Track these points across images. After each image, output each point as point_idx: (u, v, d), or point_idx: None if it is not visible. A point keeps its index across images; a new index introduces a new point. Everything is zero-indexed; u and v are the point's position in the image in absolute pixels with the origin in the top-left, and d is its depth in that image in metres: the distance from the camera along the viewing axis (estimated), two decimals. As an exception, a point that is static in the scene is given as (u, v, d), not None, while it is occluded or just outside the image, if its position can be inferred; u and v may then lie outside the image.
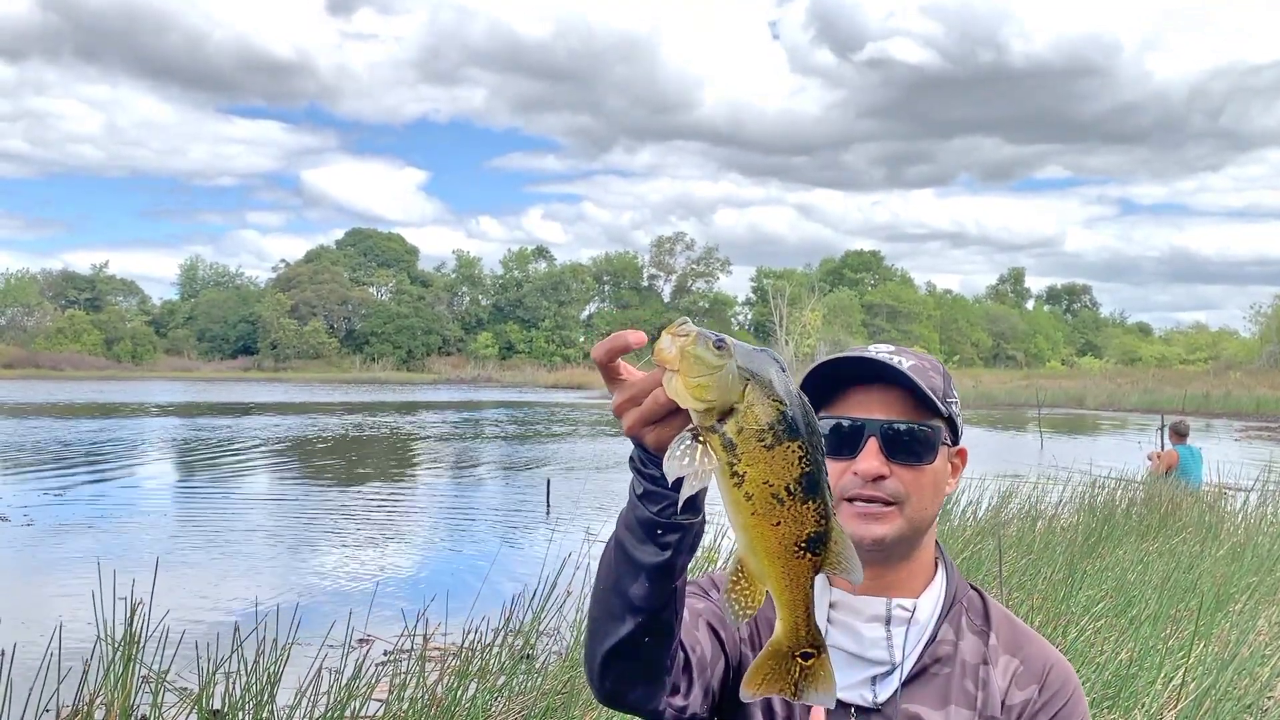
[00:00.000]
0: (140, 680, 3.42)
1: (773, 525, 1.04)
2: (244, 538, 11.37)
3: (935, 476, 1.39)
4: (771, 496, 1.04)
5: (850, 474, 1.36)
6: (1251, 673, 4.10)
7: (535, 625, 4.71)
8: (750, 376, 1.04)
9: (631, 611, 1.21)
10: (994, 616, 1.43)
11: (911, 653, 1.37)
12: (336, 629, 4.21)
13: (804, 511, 1.04)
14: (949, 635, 1.39)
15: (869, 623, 1.37)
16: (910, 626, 1.37)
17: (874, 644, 1.36)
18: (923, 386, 1.35)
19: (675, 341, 1.06)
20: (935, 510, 1.41)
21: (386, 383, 72.06)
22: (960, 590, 1.44)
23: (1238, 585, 5.87)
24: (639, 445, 1.15)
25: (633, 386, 1.11)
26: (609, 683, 1.27)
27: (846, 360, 1.39)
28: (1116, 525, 7.97)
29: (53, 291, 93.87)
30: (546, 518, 12.94)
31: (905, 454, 1.36)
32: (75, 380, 65.89)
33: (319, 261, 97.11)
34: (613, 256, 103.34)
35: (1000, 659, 1.39)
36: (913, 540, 1.39)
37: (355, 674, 3.65)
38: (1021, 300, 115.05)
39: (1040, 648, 1.42)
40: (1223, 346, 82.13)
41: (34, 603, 8.25)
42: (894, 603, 1.37)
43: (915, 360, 1.40)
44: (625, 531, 1.21)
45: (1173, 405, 36.71)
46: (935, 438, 1.38)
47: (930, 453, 1.37)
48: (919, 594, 1.40)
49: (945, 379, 1.43)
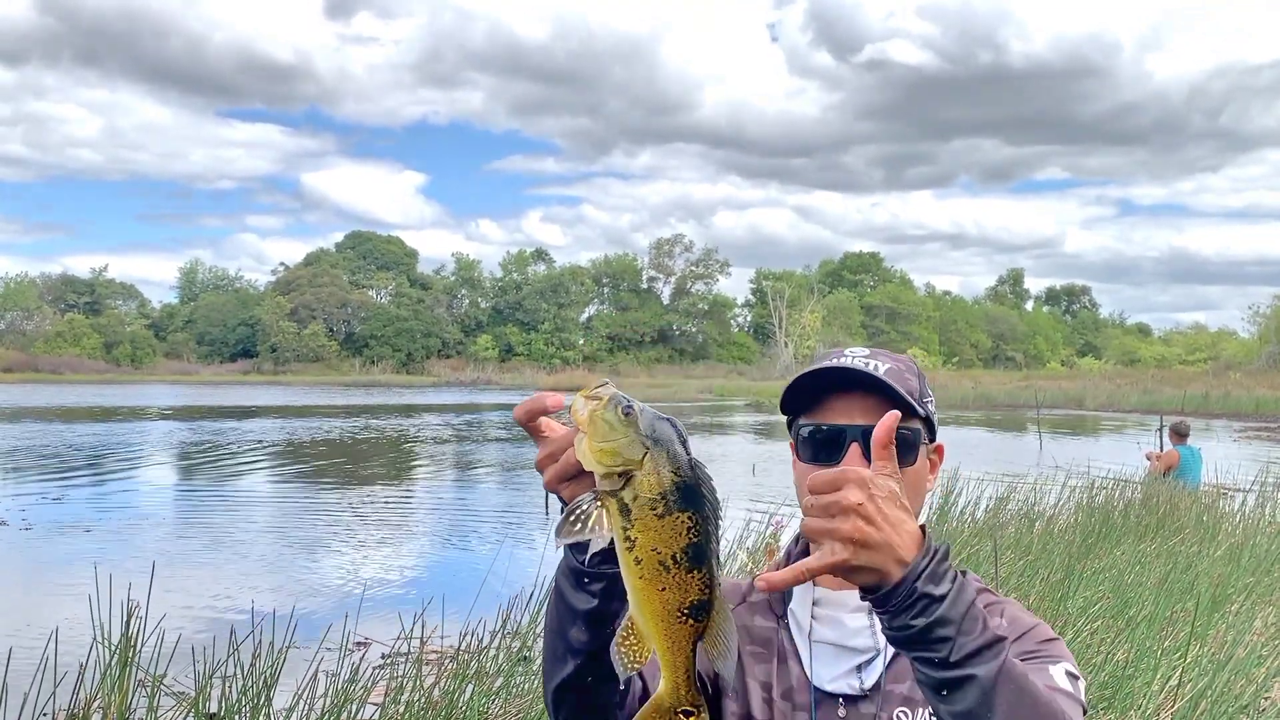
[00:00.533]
0: (137, 684, 3.43)
1: (658, 590, 1.08)
2: (242, 541, 11.37)
3: (916, 477, 1.41)
4: (659, 563, 1.07)
5: None
6: (1248, 674, 4.10)
7: (532, 627, 4.71)
8: (651, 445, 1.08)
9: (572, 654, 1.27)
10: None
11: None
12: (333, 632, 4.21)
13: (688, 580, 1.08)
14: None
15: (853, 613, 1.39)
16: None
17: (858, 632, 1.39)
18: (900, 391, 1.37)
19: (587, 405, 1.10)
20: (917, 510, 1.43)
21: (386, 386, 72.06)
22: None
23: (1235, 586, 5.88)
24: (558, 498, 1.20)
25: (552, 443, 1.18)
26: (562, 716, 1.33)
27: (824, 370, 1.42)
28: (1114, 526, 7.97)
29: (52, 295, 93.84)
30: (545, 520, 12.94)
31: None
32: (74, 384, 65.86)
33: (318, 264, 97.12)
34: (612, 259, 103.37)
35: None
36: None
37: (352, 677, 3.65)
38: (1021, 301, 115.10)
39: (1004, 600, 1.45)
40: (1222, 347, 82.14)
41: (31, 606, 8.25)
42: None
43: (891, 363, 1.43)
44: (561, 577, 1.27)
45: (1172, 406, 36.72)
46: (915, 439, 1.40)
47: (911, 454, 1.39)
48: None
49: (920, 379, 1.46)
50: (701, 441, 26.39)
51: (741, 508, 10.42)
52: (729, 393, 59.08)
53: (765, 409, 45.23)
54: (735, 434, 30.76)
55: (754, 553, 6.08)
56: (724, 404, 50.53)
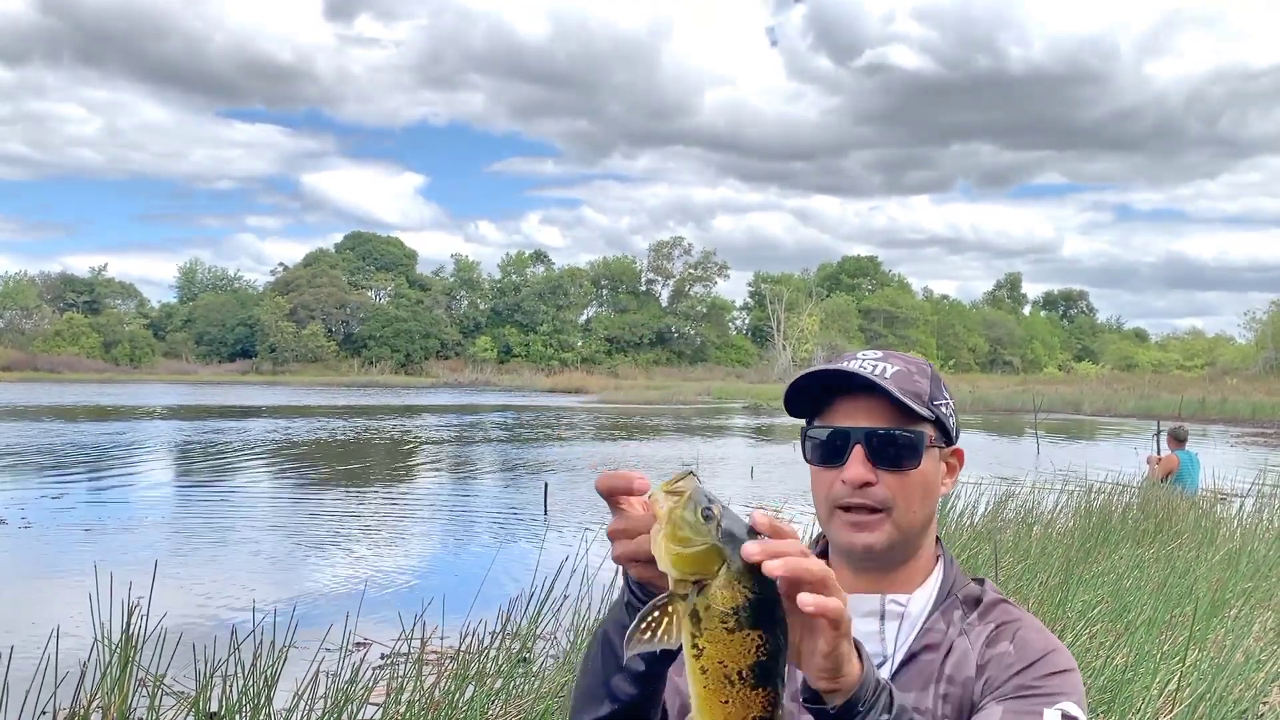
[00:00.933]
0: (137, 683, 3.43)
1: (721, 702, 1.05)
2: (241, 540, 11.37)
3: (924, 480, 1.41)
4: (724, 676, 1.05)
5: (839, 482, 1.39)
6: (1246, 679, 4.11)
7: (532, 629, 4.71)
8: (728, 554, 1.04)
9: (611, 699, 1.28)
10: (985, 601, 1.45)
11: (903, 645, 1.41)
12: (334, 632, 4.22)
13: (752, 697, 1.05)
14: (939, 624, 1.42)
15: (863, 618, 1.39)
16: (903, 620, 1.41)
17: (867, 638, 1.37)
18: (895, 393, 1.36)
19: (667, 500, 1.07)
20: (927, 513, 1.43)
21: (385, 386, 72.04)
22: (958, 584, 1.47)
23: (1233, 591, 5.89)
24: (624, 573, 1.21)
25: (628, 519, 1.14)
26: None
27: (828, 372, 1.42)
28: (1113, 530, 7.98)
29: (51, 294, 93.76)
30: (544, 521, 12.94)
31: (890, 460, 1.38)
32: (73, 383, 65.82)
33: (317, 265, 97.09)
34: (611, 261, 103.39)
35: (975, 629, 1.42)
36: (905, 545, 1.42)
37: (352, 677, 3.65)
38: (1018, 306, 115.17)
39: (1019, 618, 1.43)
40: (1219, 352, 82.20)
41: (31, 605, 8.25)
42: (888, 598, 1.42)
43: (900, 365, 1.42)
44: (613, 631, 1.27)
45: (1169, 411, 36.76)
46: (919, 442, 1.39)
47: (914, 457, 1.39)
48: (913, 589, 1.44)
49: (933, 381, 1.44)
50: (700, 444, 26.41)
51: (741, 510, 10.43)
52: (727, 395, 59.07)
53: (763, 411, 45.23)
54: (733, 436, 30.76)
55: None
56: (722, 406, 50.54)
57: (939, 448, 1.44)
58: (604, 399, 55.21)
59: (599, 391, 61.98)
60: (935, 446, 1.43)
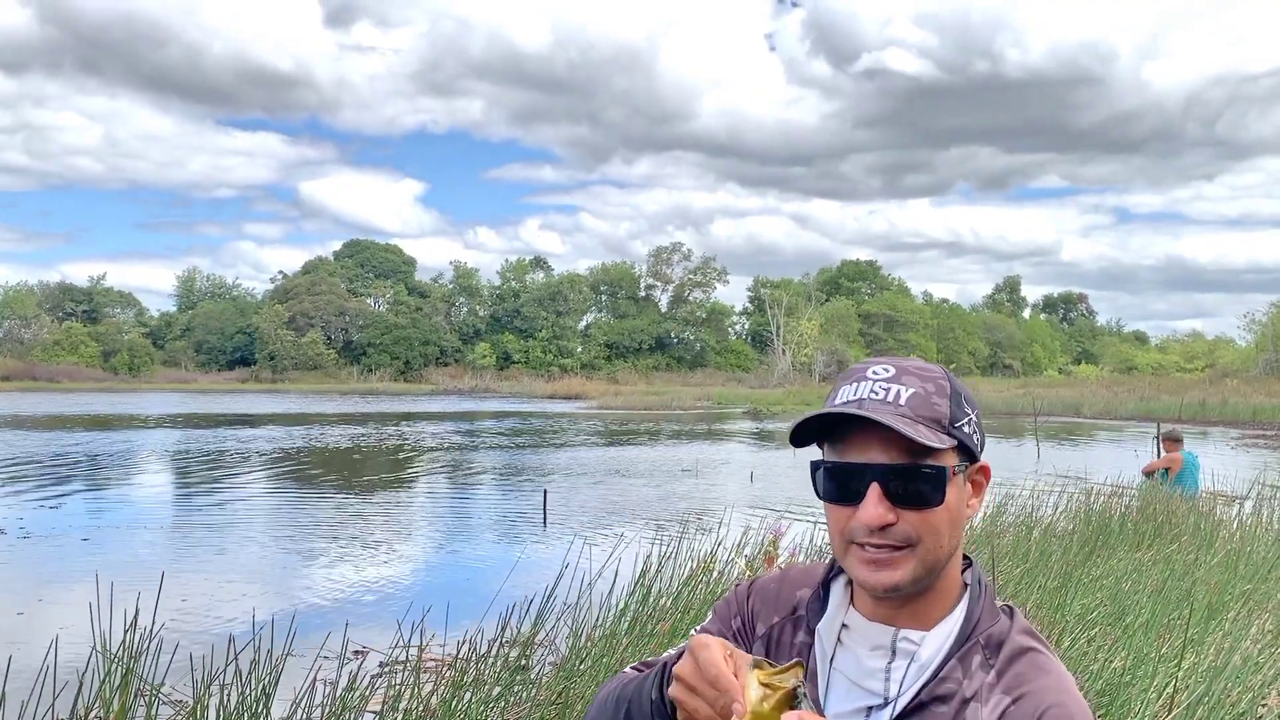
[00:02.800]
0: (136, 693, 3.43)
1: None
2: (240, 549, 11.36)
3: (950, 513, 1.28)
4: None
5: (856, 520, 1.27)
6: (1245, 681, 4.11)
7: (531, 636, 4.71)
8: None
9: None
10: (1006, 652, 1.30)
11: (909, 688, 1.28)
12: (332, 640, 4.22)
13: None
14: (955, 673, 1.28)
15: (872, 651, 1.31)
16: (911, 662, 1.29)
17: (871, 674, 1.30)
18: (911, 434, 1.24)
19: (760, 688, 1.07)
20: (953, 543, 1.31)
21: (384, 393, 72.05)
22: (984, 623, 1.32)
23: (1232, 594, 5.88)
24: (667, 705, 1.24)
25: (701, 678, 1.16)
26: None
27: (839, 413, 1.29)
28: (1112, 533, 7.98)
29: (50, 303, 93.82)
30: (543, 528, 12.94)
31: (912, 499, 1.26)
32: (72, 392, 65.82)
33: (317, 273, 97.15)
34: (610, 266, 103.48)
35: (992, 697, 1.26)
36: (931, 577, 1.30)
37: (350, 685, 3.65)
38: (1018, 309, 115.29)
39: (1045, 686, 1.26)
40: (1219, 354, 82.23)
41: (29, 615, 8.24)
42: (900, 634, 1.30)
43: (916, 386, 1.29)
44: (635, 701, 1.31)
45: (1169, 413, 36.79)
46: (942, 476, 1.26)
47: (937, 493, 1.26)
48: (932, 625, 1.31)
49: (953, 398, 1.31)
50: (700, 449, 26.41)
51: (740, 515, 10.43)
52: (727, 400, 59.08)
53: (762, 416, 45.24)
54: (733, 441, 30.76)
55: (751, 561, 6.08)
56: (722, 411, 50.53)
57: (963, 472, 1.31)
58: (603, 405, 55.21)
59: (598, 398, 62.00)
60: (959, 473, 1.30)
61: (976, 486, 1.35)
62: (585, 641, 4.69)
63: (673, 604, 5.16)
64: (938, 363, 1.38)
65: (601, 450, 26.33)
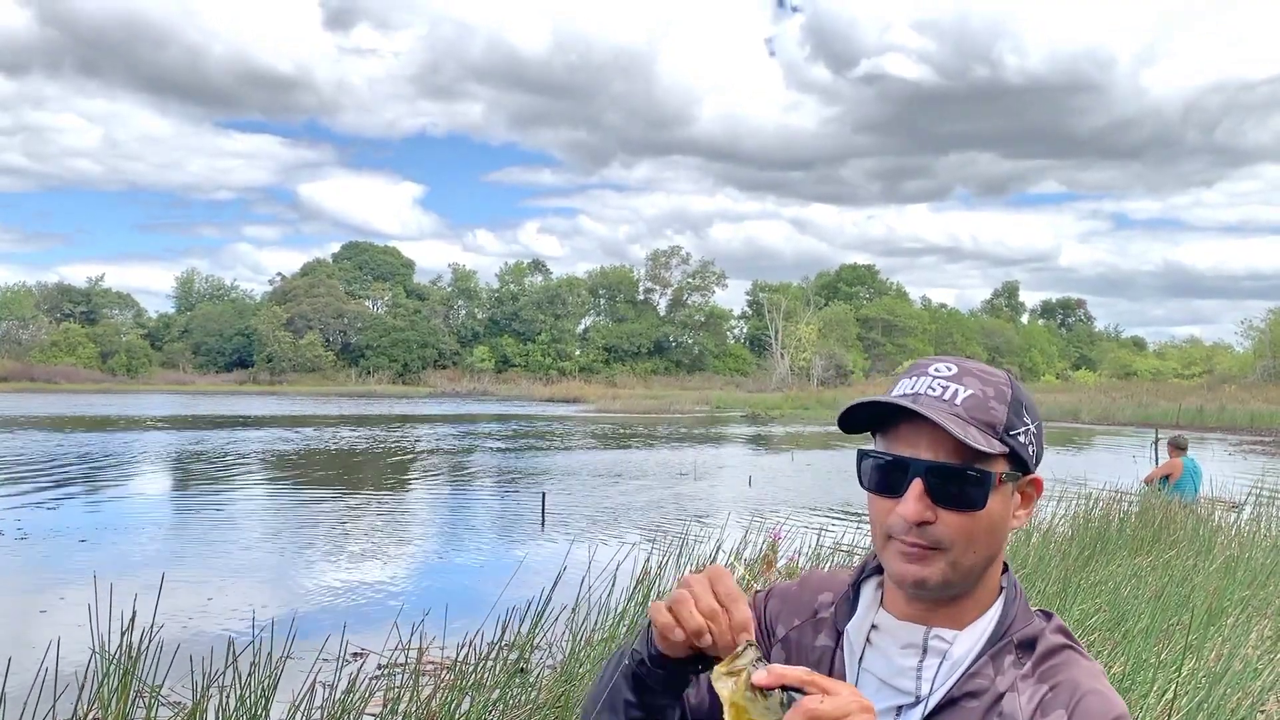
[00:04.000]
0: (135, 694, 3.42)
1: None
2: (239, 550, 11.35)
3: (990, 520, 1.26)
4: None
5: (895, 514, 1.27)
6: (1244, 687, 4.11)
7: (530, 639, 4.71)
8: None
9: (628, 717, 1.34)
10: (1041, 648, 1.30)
11: (941, 686, 1.28)
12: (331, 642, 4.21)
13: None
14: (987, 670, 1.27)
15: (903, 650, 1.31)
16: (944, 660, 1.29)
17: (902, 673, 1.30)
18: (959, 435, 1.22)
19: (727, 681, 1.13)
20: (991, 553, 1.29)
21: (382, 396, 72.02)
22: (1018, 624, 1.31)
23: (1230, 599, 5.89)
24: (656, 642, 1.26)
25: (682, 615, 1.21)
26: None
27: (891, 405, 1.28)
28: (1110, 539, 7.99)
29: (48, 304, 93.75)
30: (542, 530, 12.94)
31: (952, 500, 1.24)
32: (69, 393, 65.77)
33: (315, 275, 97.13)
34: (609, 270, 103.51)
35: (1028, 687, 1.26)
36: (961, 583, 1.29)
37: (349, 688, 3.65)
38: (1016, 314, 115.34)
39: (1078, 677, 1.26)
40: (1217, 361, 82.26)
41: (28, 616, 8.23)
42: (932, 632, 1.30)
43: (975, 388, 1.28)
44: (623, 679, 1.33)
45: (1167, 419, 36.79)
46: (987, 481, 1.25)
47: (980, 498, 1.25)
48: (964, 626, 1.30)
49: (1012, 406, 1.28)
50: (698, 453, 26.41)
51: (738, 519, 10.43)
52: (725, 404, 59.09)
53: (761, 420, 45.25)
54: (731, 445, 30.76)
55: (751, 565, 6.08)
56: (720, 415, 50.53)
57: (1012, 481, 1.29)
58: (601, 408, 55.20)
59: (596, 401, 62.01)
60: (1007, 482, 1.28)
61: (1026, 499, 1.33)
62: (584, 644, 4.68)
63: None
64: (1005, 369, 1.37)
65: (600, 453, 26.32)
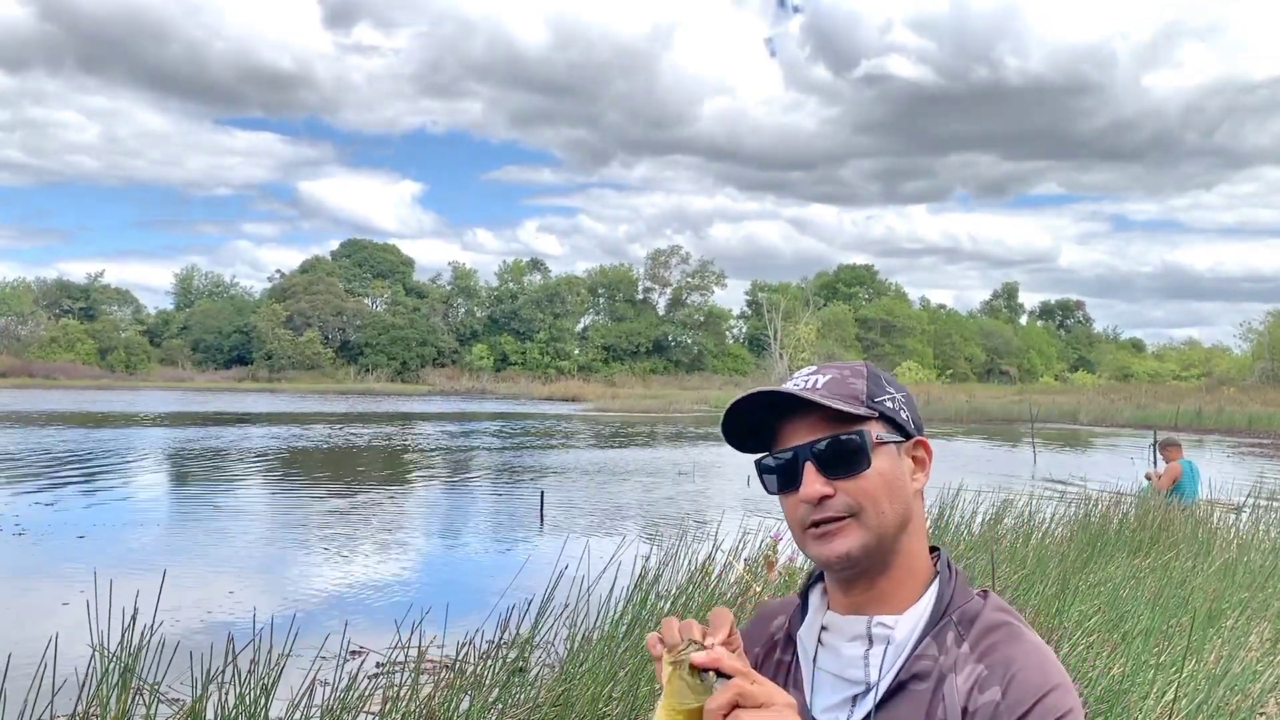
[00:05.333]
0: (135, 691, 3.42)
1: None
2: (238, 548, 11.35)
3: (885, 479, 1.34)
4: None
5: (801, 504, 1.34)
6: (1243, 689, 4.12)
7: (530, 638, 4.71)
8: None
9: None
10: (980, 625, 1.33)
11: (888, 672, 1.32)
12: (331, 640, 4.21)
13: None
14: (931, 650, 1.31)
15: (850, 642, 1.35)
16: (889, 646, 1.33)
17: (851, 663, 1.34)
18: (825, 402, 1.33)
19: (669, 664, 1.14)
20: (899, 512, 1.35)
21: (381, 394, 71.99)
22: (957, 601, 1.36)
23: (1229, 601, 5.89)
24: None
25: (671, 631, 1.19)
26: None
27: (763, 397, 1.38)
28: (1109, 541, 7.98)
29: (47, 300, 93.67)
30: (540, 529, 12.94)
31: (840, 467, 1.33)
32: (69, 389, 65.74)
33: (314, 272, 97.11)
34: (608, 269, 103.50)
35: (965, 667, 1.29)
36: (885, 549, 1.34)
37: (349, 686, 3.65)
38: (1015, 315, 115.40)
39: (1013, 653, 1.29)
40: (1215, 363, 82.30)
41: (26, 613, 8.22)
42: (874, 620, 1.34)
43: (833, 373, 1.39)
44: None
45: (1166, 421, 36.80)
46: (863, 442, 1.33)
47: (862, 458, 1.33)
48: (904, 609, 1.35)
49: (871, 379, 1.39)
50: (697, 452, 26.41)
51: (737, 518, 10.43)
52: (724, 404, 58.61)
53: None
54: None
55: (751, 564, 6.08)
56: (719, 415, 50.37)
57: (895, 443, 1.37)
58: (600, 408, 55.20)
59: (595, 400, 62.01)
60: (888, 443, 1.36)
61: (919, 462, 1.41)
62: (583, 644, 4.68)
63: (671, 607, 5.16)
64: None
65: (598, 452, 26.33)
